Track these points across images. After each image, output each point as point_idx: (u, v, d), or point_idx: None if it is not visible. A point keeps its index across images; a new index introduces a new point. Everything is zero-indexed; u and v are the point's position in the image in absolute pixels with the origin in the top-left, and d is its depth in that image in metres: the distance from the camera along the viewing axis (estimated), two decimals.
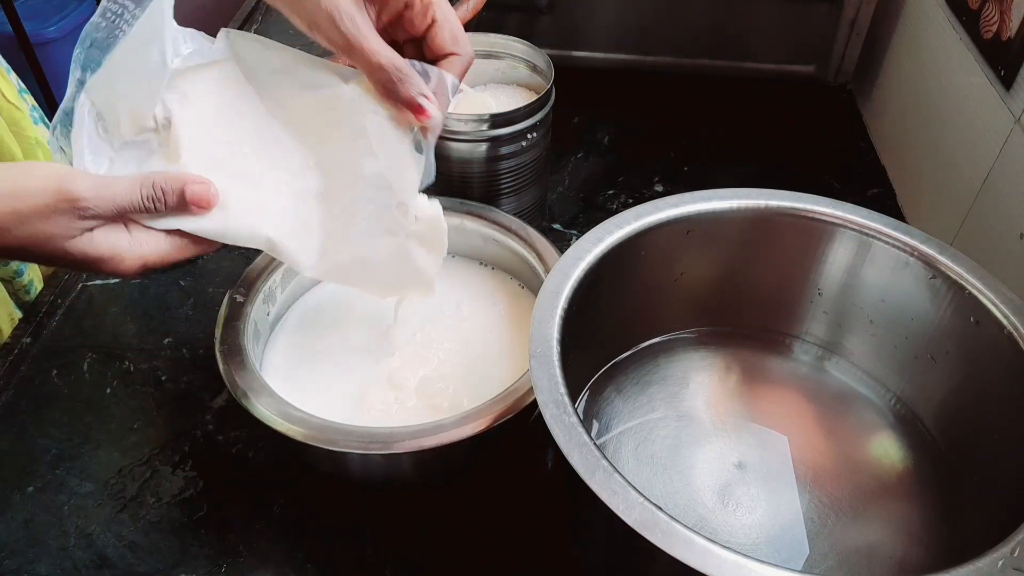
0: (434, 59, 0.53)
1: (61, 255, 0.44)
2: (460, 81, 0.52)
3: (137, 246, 0.46)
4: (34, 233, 0.43)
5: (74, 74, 0.48)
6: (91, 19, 0.47)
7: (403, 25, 0.52)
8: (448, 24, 0.51)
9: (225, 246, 0.51)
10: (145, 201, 0.46)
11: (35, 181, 0.43)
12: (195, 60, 0.51)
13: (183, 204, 0.47)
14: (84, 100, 0.48)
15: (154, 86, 0.49)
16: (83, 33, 0.47)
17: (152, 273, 0.47)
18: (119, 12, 0.47)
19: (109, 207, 0.45)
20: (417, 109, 0.49)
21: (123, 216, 0.46)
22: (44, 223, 0.43)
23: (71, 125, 0.48)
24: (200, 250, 0.49)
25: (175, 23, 0.49)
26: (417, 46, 0.54)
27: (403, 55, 0.53)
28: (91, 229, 0.45)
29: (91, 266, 0.45)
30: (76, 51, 0.47)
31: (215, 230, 0.50)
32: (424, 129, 0.51)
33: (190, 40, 0.50)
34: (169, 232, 0.48)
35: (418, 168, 0.53)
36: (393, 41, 0.53)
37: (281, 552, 0.55)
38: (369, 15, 0.50)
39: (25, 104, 0.78)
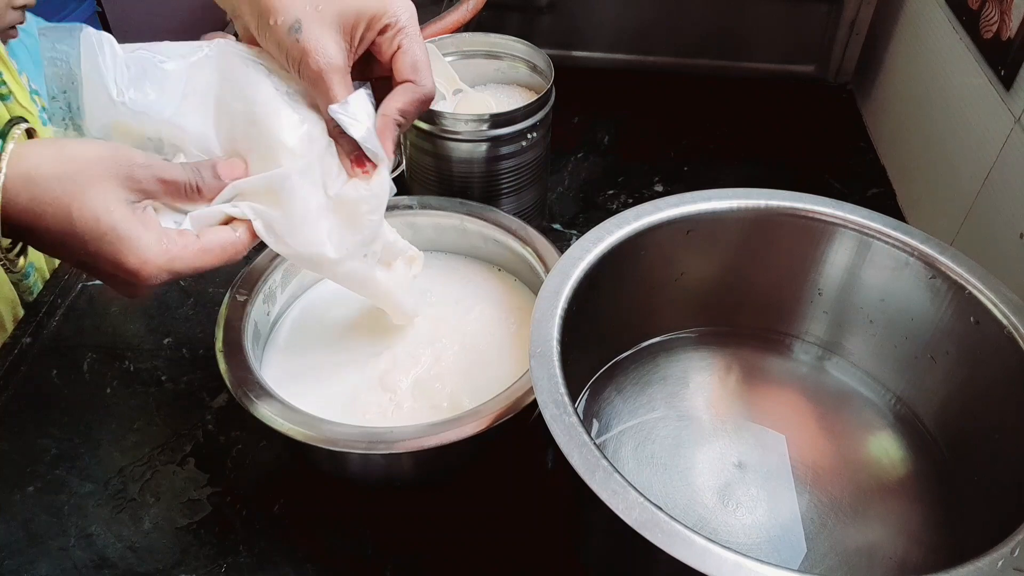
0: (395, 84, 0.52)
1: (101, 230, 0.43)
2: (411, 109, 0.52)
3: (168, 241, 0.46)
4: (86, 195, 0.43)
5: (52, 122, 0.47)
6: (45, 73, 0.46)
7: (377, 52, 0.52)
8: (411, 53, 0.52)
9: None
10: (190, 176, 0.47)
11: (92, 145, 0.45)
12: (180, 66, 0.49)
13: (216, 179, 0.48)
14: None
15: (113, 118, 0.48)
16: (48, 89, 0.47)
17: (171, 280, 0.46)
18: (64, 59, 0.46)
19: (158, 174, 0.46)
20: (353, 162, 0.52)
21: (171, 193, 0.47)
22: (99, 180, 0.43)
23: None
24: (227, 257, 0.49)
25: (117, 53, 0.48)
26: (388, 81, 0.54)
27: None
28: (136, 203, 0.45)
29: (118, 253, 0.44)
30: (49, 107, 0.47)
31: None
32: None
33: (135, 65, 0.48)
34: (199, 235, 0.47)
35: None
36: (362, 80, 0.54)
37: (281, 552, 0.55)
38: (345, 50, 0.50)
39: (35, 106, 0.78)
